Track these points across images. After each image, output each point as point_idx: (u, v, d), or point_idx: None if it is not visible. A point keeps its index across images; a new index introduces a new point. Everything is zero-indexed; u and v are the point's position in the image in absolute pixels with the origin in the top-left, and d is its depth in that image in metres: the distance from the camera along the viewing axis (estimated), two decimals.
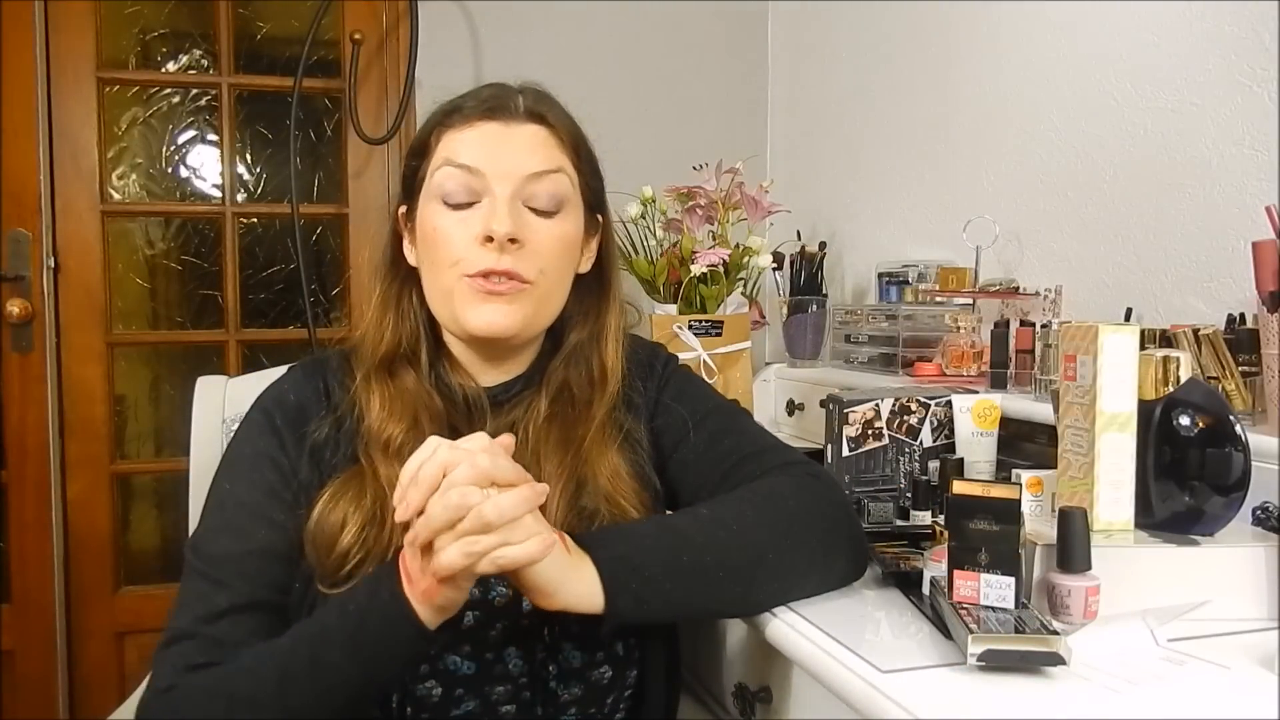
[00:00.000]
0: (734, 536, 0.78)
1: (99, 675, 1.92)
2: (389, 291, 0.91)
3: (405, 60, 1.95)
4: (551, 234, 0.86)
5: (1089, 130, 1.39)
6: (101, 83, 1.91)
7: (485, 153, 0.85)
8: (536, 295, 0.86)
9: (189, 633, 0.77)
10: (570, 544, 0.73)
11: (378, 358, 0.88)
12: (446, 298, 0.86)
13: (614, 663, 0.86)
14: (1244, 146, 1.16)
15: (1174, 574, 0.77)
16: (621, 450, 0.89)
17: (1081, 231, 1.40)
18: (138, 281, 2.05)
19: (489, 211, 0.84)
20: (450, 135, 0.87)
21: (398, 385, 0.87)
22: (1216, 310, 1.15)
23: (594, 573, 0.72)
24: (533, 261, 0.85)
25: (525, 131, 0.87)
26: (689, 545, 0.77)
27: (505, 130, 0.86)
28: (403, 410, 0.85)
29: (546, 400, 0.90)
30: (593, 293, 0.95)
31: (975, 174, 1.62)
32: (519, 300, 0.85)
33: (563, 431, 0.88)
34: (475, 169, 0.84)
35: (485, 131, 0.86)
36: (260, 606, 0.79)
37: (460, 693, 0.81)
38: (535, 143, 0.87)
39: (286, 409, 0.87)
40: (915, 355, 1.50)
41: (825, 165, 2.08)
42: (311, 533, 0.80)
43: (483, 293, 0.84)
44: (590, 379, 0.92)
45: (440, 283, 0.86)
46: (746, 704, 0.90)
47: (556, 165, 0.87)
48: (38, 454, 1.86)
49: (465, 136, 0.86)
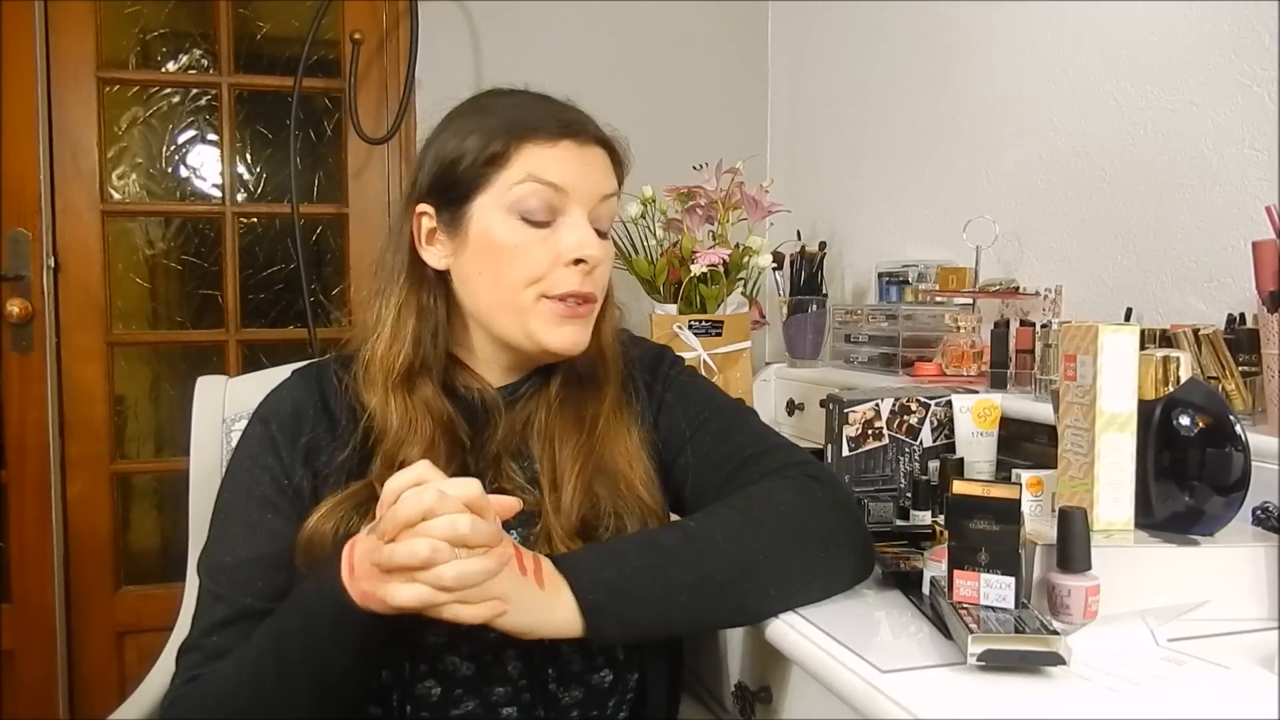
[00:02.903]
0: (721, 550, 0.77)
1: (99, 675, 1.92)
2: (409, 299, 0.88)
3: (405, 60, 1.96)
4: (608, 254, 0.90)
5: (1089, 130, 1.39)
6: (101, 83, 1.91)
7: (568, 172, 0.85)
8: (596, 310, 0.89)
9: (194, 645, 0.81)
10: (547, 572, 0.72)
11: (398, 371, 0.86)
12: (519, 314, 0.86)
13: (614, 667, 0.86)
14: (1244, 146, 1.16)
15: (1174, 574, 0.77)
16: (635, 432, 0.91)
17: (1081, 231, 1.40)
18: (138, 281, 2.05)
19: (576, 235, 0.85)
20: (533, 150, 0.85)
21: (416, 400, 0.86)
22: (1216, 310, 1.15)
23: (572, 602, 0.72)
24: (599, 283, 0.88)
25: (597, 155, 0.88)
26: (674, 563, 0.75)
27: (582, 152, 0.87)
28: (420, 432, 0.84)
29: (557, 387, 0.91)
30: None
31: (975, 174, 1.62)
32: (591, 319, 0.89)
33: (576, 410, 0.90)
34: (561, 187, 0.85)
35: (568, 151, 0.86)
36: (256, 615, 0.80)
37: (460, 693, 0.81)
38: (605, 166, 0.89)
39: (282, 418, 0.87)
40: (915, 355, 1.50)
41: (825, 165, 2.08)
42: (304, 543, 0.80)
43: (565, 314, 0.85)
44: (593, 362, 0.92)
45: (511, 299, 0.85)
46: (746, 704, 0.90)
47: (615, 189, 0.90)
48: (38, 454, 1.86)
49: (550, 154, 0.85)
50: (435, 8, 2.00)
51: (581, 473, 0.85)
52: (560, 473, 0.86)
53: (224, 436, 1.14)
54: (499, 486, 0.86)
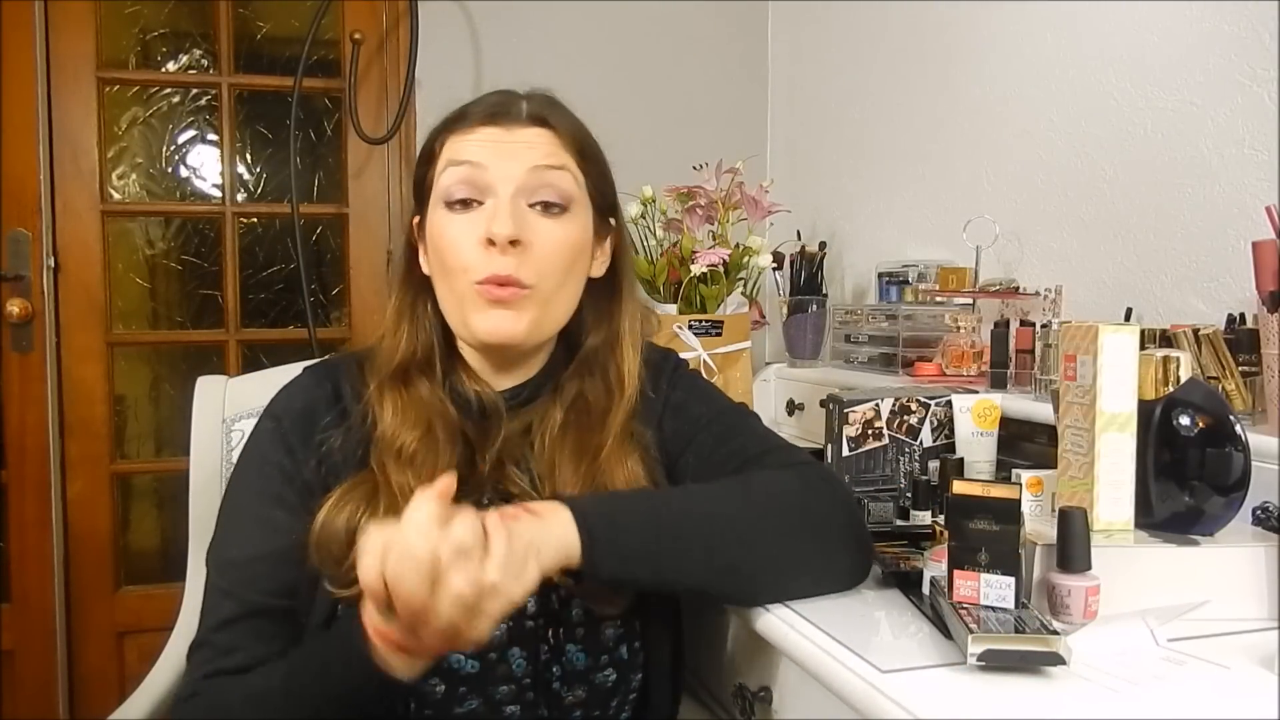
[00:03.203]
0: (720, 511, 0.79)
1: (99, 675, 1.92)
2: (404, 302, 0.91)
3: (405, 60, 1.95)
4: (554, 235, 0.85)
5: (1089, 130, 1.39)
6: (101, 83, 1.91)
7: (487, 152, 0.85)
8: (539, 300, 0.85)
9: (204, 641, 0.82)
10: (542, 505, 0.73)
11: (392, 367, 0.88)
12: (459, 305, 0.85)
13: (618, 666, 0.86)
14: (1244, 146, 1.16)
15: (1174, 574, 0.77)
16: (640, 460, 0.90)
17: (1081, 231, 1.40)
18: (138, 281, 2.05)
19: (491, 214, 0.83)
20: (454, 139, 0.87)
21: (411, 394, 0.87)
22: (1216, 310, 1.15)
23: (571, 524, 0.72)
24: (533, 265, 0.84)
25: (528, 133, 0.87)
26: (670, 511, 0.78)
27: (508, 133, 0.86)
28: (416, 418, 0.85)
29: (561, 410, 0.90)
30: (606, 297, 0.95)
31: (975, 174, 1.62)
32: (522, 306, 0.84)
33: (579, 442, 0.88)
34: (477, 163, 0.84)
35: (488, 134, 0.86)
36: (268, 612, 0.81)
37: (463, 691, 0.81)
38: (537, 142, 0.87)
39: (294, 414, 0.87)
40: (915, 355, 1.50)
41: (825, 165, 2.08)
42: (317, 535, 0.80)
43: (489, 300, 0.83)
44: (607, 387, 0.91)
45: (453, 290, 0.86)
46: (746, 704, 0.90)
47: (559, 163, 0.87)
48: (38, 454, 1.86)
49: (468, 138, 0.86)
50: (435, 8, 2.00)
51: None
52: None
53: (224, 436, 1.14)
54: (503, 489, 0.87)
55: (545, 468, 0.87)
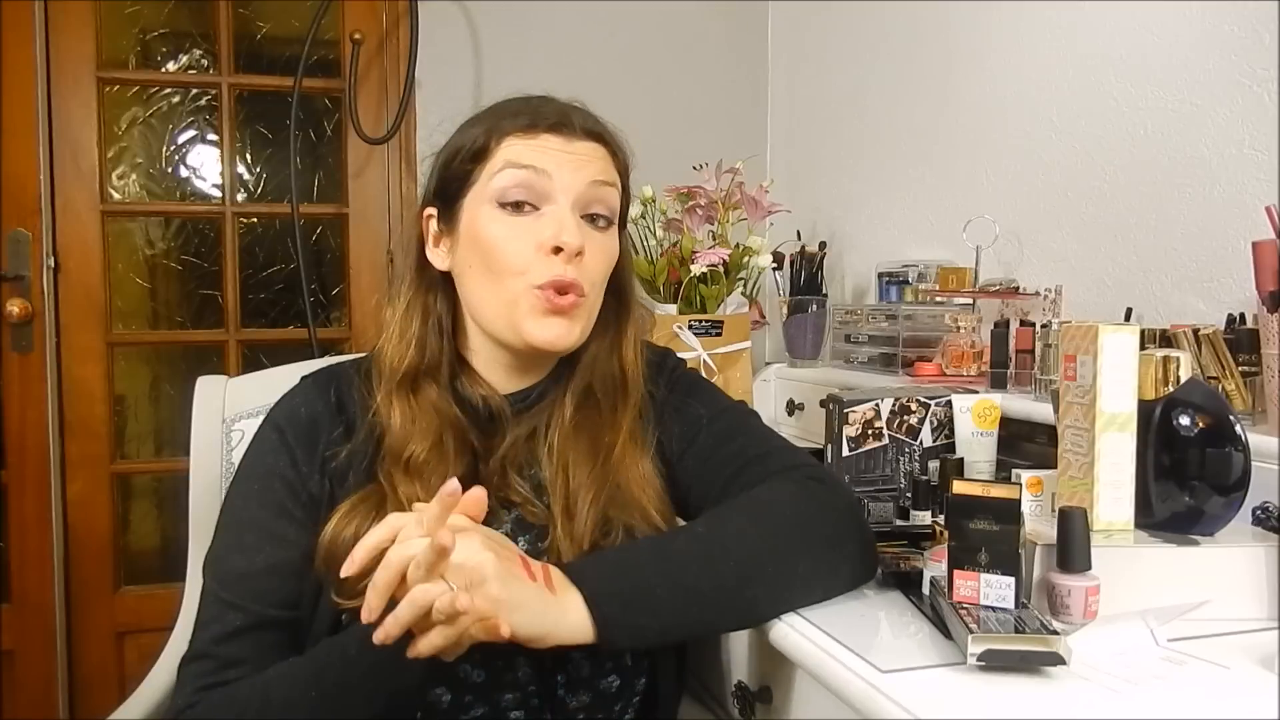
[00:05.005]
0: (731, 555, 0.77)
1: (99, 675, 1.92)
2: (414, 299, 0.90)
3: (405, 60, 1.95)
4: (604, 248, 0.88)
5: (1089, 130, 1.39)
6: (101, 83, 1.91)
7: (551, 160, 0.85)
8: (587, 308, 0.87)
9: (205, 653, 0.80)
10: (558, 579, 0.72)
11: (401, 373, 0.86)
12: (508, 307, 0.84)
13: (622, 672, 0.86)
14: (1244, 146, 1.16)
15: (1174, 574, 0.77)
16: (650, 461, 0.90)
17: (1081, 231, 1.40)
18: (138, 281, 2.05)
19: (557, 223, 0.83)
20: (514, 141, 0.85)
21: (420, 402, 0.86)
22: (1216, 310, 1.15)
23: (584, 610, 0.71)
24: (588, 275, 0.86)
25: (585, 147, 0.87)
26: (686, 572, 0.76)
27: (568, 144, 0.86)
28: (426, 427, 0.84)
29: (571, 407, 0.90)
30: (610, 301, 0.94)
31: (975, 174, 1.62)
32: (576, 315, 0.85)
33: (591, 439, 0.88)
34: (541, 169, 0.84)
35: (552, 143, 0.85)
36: (272, 624, 0.80)
37: (469, 699, 0.81)
38: (594, 156, 0.87)
39: (297, 424, 0.87)
40: (915, 355, 1.50)
41: (825, 165, 2.08)
42: (325, 547, 0.80)
43: (549, 308, 0.83)
44: (614, 385, 0.91)
45: (500, 292, 0.85)
46: (747, 704, 0.90)
47: (612, 179, 0.89)
48: (38, 454, 1.86)
49: (530, 144, 0.85)
50: (435, 8, 2.00)
51: (595, 501, 0.85)
52: (574, 499, 0.85)
53: (224, 436, 1.14)
54: (505, 498, 0.86)
55: (557, 469, 0.87)
